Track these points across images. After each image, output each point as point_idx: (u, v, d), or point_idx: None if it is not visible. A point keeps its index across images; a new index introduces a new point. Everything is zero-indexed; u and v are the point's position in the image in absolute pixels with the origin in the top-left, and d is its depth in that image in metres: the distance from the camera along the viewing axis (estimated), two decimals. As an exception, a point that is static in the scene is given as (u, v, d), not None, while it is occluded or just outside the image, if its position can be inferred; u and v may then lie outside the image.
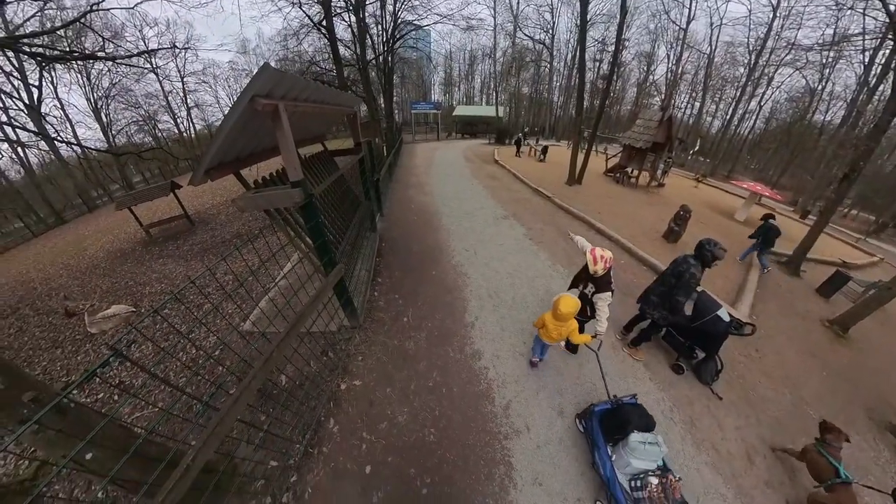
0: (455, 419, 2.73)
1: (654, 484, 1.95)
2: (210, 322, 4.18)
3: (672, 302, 2.97)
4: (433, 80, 44.27)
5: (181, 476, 1.35)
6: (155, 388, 3.34)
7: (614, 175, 12.51)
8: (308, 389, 2.78)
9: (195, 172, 2.46)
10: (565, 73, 34.86)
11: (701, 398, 3.08)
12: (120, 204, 9.67)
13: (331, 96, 3.21)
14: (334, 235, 3.69)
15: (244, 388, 1.74)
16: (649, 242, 6.34)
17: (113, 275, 7.49)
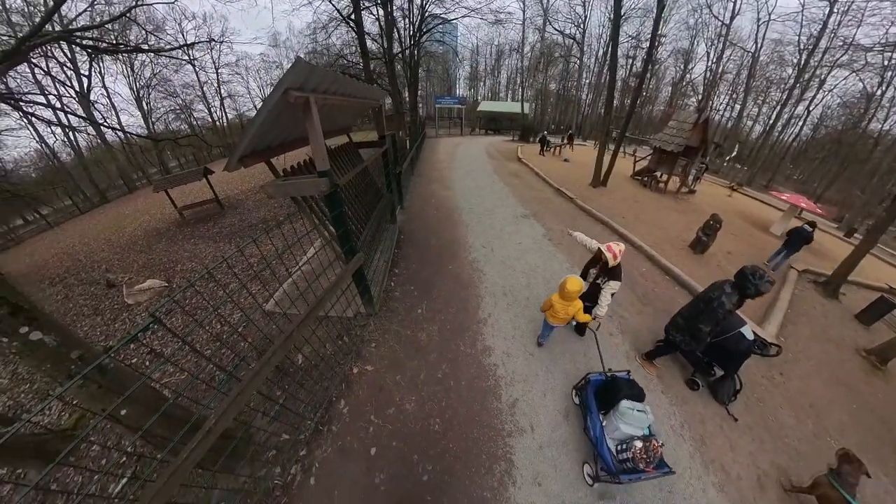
0: (461, 412, 2.79)
1: (639, 447, 2.15)
2: (236, 299, 4.43)
3: (693, 328, 2.77)
4: (458, 75, 43.98)
5: (202, 438, 1.47)
6: (182, 358, 3.59)
7: (642, 179, 12.01)
8: (322, 370, 2.92)
9: (230, 159, 2.60)
10: (595, 69, 33.67)
11: (715, 417, 2.95)
12: (157, 186, 10.31)
13: (358, 89, 3.29)
14: (356, 225, 3.80)
15: (264, 362, 1.85)
16: (674, 251, 6.11)
17: (149, 251, 8.03)
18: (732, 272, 5.56)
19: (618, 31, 9.41)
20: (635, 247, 6.14)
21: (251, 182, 14.19)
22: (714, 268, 5.60)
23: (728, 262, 5.92)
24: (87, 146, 24.75)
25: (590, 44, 32.59)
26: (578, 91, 34.62)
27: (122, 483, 2.53)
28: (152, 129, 25.61)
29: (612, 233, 6.83)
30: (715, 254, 6.12)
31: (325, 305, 2.38)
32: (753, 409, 3.11)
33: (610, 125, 10.79)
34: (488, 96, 43.39)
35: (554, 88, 36.52)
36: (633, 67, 30.29)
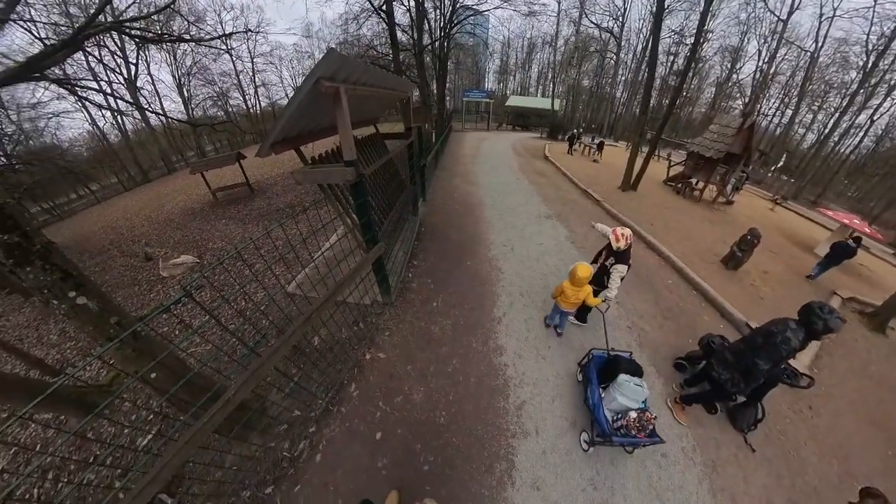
0: (467, 408, 2.81)
1: (633, 417, 2.35)
2: (261, 279, 4.65)
3: (748, 363, 2.47)
4: (488, 68, 43.28)
5: (222, 406, 1.57)
6: (208, 331, 3.82)
7: (675, 185, 11.42)
8: (337, 353, 3.03)
9: (262, 145, 2.70)
10: (633, 65, 32.09)
11: (730, 445, 2.78)
12: (194, 168, 10.90)
13: (387, 81, 3.32)
14: (378, 215, 3.87)
15: (284, 340, 1.94)
16: (704, 265, 5.75)
17: (184, 229, 8.54)
18: (768, 293, 5.10)
19: (660, 24, 8.87)
20: (662, 257, 5.85)
21: (280, 168, 14.72)
22: (747, 287, 5.22)
23: (763, 282, 5.46)
24: (132, 129, 26.54)
25: (628, 38, 30.89)
26: (613, 89, 33.13)
27: (148, 438, 2.74)
28: (191, 115, 27.03)
29: (637, 240, 6.56)
30: (749, 272, 5.68)
31: (344, 291, 2.45)
32: (774, 442, 2.90)
33: (645, 126, 10.28)
34: (517, 91, 42.49)
35: (587, 85, 35.17)
36: (673, 65, 28.61)
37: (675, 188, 11.29)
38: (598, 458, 2.51)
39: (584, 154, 15.81)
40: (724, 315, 4.30)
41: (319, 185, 3.16)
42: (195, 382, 2.27)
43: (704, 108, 32.06)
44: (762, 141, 27.89)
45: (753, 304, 4.64)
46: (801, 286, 5.64)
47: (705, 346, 3.10)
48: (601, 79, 33.58)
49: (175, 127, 25.37)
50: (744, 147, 9.83)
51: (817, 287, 5.72)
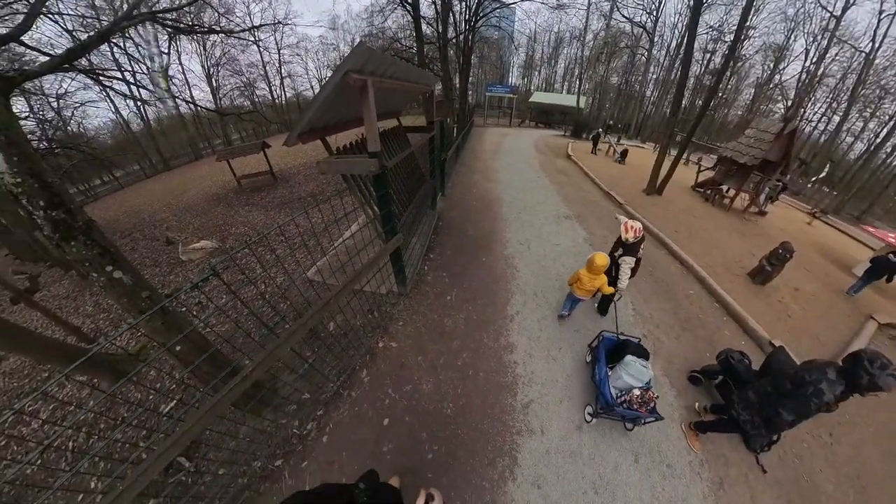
0: (474, 402, 2.87)
1: (637, 394, 2.51)
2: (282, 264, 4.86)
3: (771, 412, 2.23)
4: (512, 62, 42.68)
5: (240, 381, 1.71)
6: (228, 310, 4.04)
7: (704, 191, 10.93)
8: (351, 339, 3.16)
9: (290, 134, 2.83)
10: (665, 63, 30.90)
11: (740, 463, 2.71)
12: (220, 156, 11.38)
13: (412, 74, 3.39)
14: (398, 207, 3.97)
15: (302, 323, 2.06)
16: (729, 277, 5.51)
17: (205, 215, 8.96)
18: (797, 312, 4.86)
19: (697, 19, 8.40)
20: (685, 266, 5.64)
21: (302, 158, 15.14)
22: (774, 303, 4.96)
23: (793, 299, 5.16)
24: (154, 118, 27.84)
25: (662, 34, 29.46)
26: (643, 87, 31.90)
27: (170, 405, 2.97)
28: (219, 104, 28.11)
29: (659, 246, 6.38)
30: (778, 288, 5.35)
31: (361, 279, 2.56)
32: (788, 466, 2.80)
33: (675, 128, 9.90)
34: (542, 87, 41.78)
35: (615, 82, 34.20)
36: (710, 63, 27.36)
37: (704, 195, 10.80)
38: (602, 463, 2.53)
39: (608, 154, 15.46)
40: (747, 331, 4.14)
41: (343, 176, 3.28)
42: (216, 357, 2.45)
43: (741, 111, 30.57)
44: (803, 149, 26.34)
45: (780, 322, 4.44)
46: (835, 306, 5.31)
47: (723, 362, 3.01)
48: (630, 76, 32.52)
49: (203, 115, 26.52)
50: (782, 154, 9.31)
51: (853, 307, 5.40)
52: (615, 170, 12.61)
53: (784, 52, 26.94)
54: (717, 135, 30.11)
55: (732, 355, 2.98)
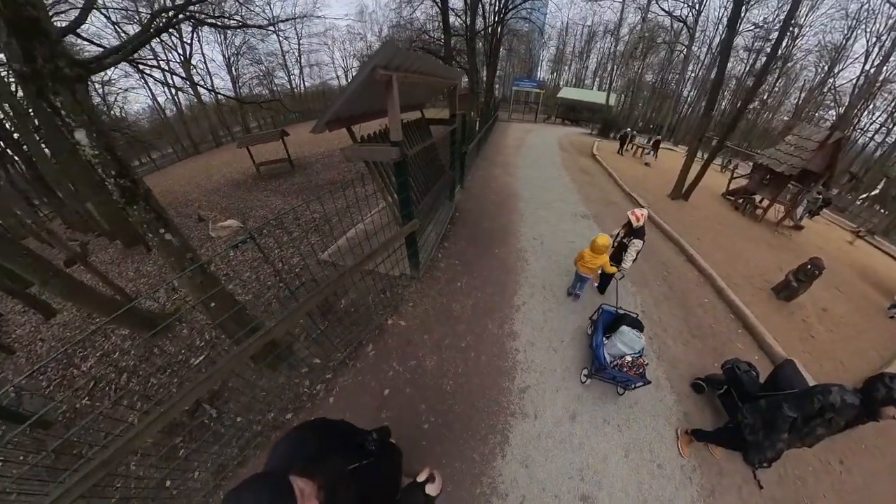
0: (473, 381, 3.15)
1: (629, 360, 2.87)
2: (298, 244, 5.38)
3: (773, 414, 2.22)
4: (542, 56, 42.26)
5: (261, 336, 2.09)
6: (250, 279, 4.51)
7: (735, 199, 10.60)
8: (362, 314, 3.56)
9: (318, 122, 3.21)
10: (706, 61, 29.87)
11: (734, 475, 2.71)
12: (241, 143, 12.13)
13: (437, 69, 3.74)
14: (416, 194, 4.33)
15: (320, 290, 2.44)
16: (751, 290, 5.32)
17: (230, 197, 9.67)
18: (821, 333, 4.79)
19: (739, 11, 7.91)
20: (704, 274, 5.48)
21: (320, 148, 15.79)
22: (798, 322, 4.75)
23: (819, 320, 4.91)
24: (187, 104, 29.49)
25: (704, 29, 27.98)
26: (680, 86, 30.89)
27: (200, 358, 3.45)
28: (238, 93, 29.47)
29: (678, 252, 6.36)
30: (804, 306, 5.12)
31: (378, 258, 2.92)
32: (788, 486, 2.74)
33: (707, 130, 9.66)
34: (572, 82, 41.22)
35: (650, 80, 33.28)
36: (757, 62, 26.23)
37: (735, 203, 10.48)
38: (591, 453, 2.68)
39: (635, 156, 15.31)
40: (762, 346, 4.07)
41: (365, 162, 3.65)
42: (241, 316, 2.87)
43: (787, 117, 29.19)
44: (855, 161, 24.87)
45: (801, 342, 4.27)
46: (867, 332, 4.96)
47: (728, 371, 3.01)
48: (667, 74, 31.48)
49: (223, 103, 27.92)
50: (826, 165, 8.85)
51: (890, 335, 5.05)
52: (641, 171, 12.53)
53: (841, 54, 25.41)
54: (760, 141, 28.90)
55: (739, 365, 2.97)
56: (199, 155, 24.10)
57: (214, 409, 2.90)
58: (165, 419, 1.77)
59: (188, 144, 26.36)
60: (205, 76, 27.15)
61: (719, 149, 9.94)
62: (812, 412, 2.01)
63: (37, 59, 1.52)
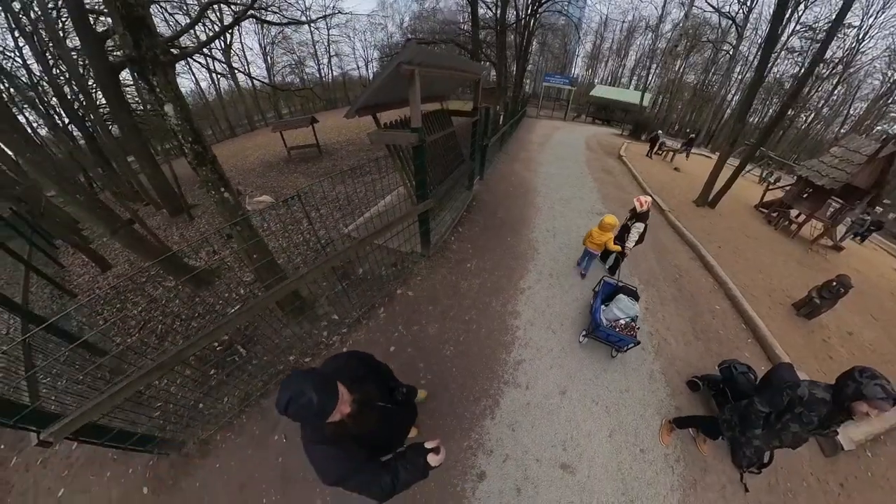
0: (472, 349, 3.51)
1: (622, 324, 3.34)
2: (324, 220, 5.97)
3: (747, 409, 2.24)
4: (577, 52, 41.36)
5: (287, 284, 2.56)
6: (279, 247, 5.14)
7: (769, 212, 9.93)
8: (375, 283, 4.08)
9: (350, 109, 3.71)
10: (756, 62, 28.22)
11: (720, 474, 2.71)
12: (275, 127, 12.97)
13: (457, 64, 4.14)
14: (431, 177, 4.75)
15: (344, 250, 2.89)
16: (769, 303, 5.16)
17: (263, 177, 10.53)
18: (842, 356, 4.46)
19: (784, 9, 7.41)
20: (718, 282, 5.36)
21: (346, 136, 16.49)
22: (816, 341, 4.55)
23: (842, 342, 4.61)
24: (226, 89, 31.24)
25: (755, 28, 26.08)
26: (724, 89, 29.28)
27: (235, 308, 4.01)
28: (272, 80, 30.91)
29: (694, 258, 6.24)
30: (827, 326, 4.88)
31: (393, 230, 3.34)
32: (776, 494, 2.69)
33: (740, 135, 9.19)
34: (608, 80, 40.25)
35: (692, 81, 31.93)
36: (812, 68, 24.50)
37: (768, 216, 9.81)
38: (576, 428, 2.86)
39: (665, 160, 15.01)
40: (771, 358, 3.96)
41: (387, 146, 4.08)
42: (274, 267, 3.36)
43: (844, 128, 27.25)
44: None
45: (817, 361, 4.07)
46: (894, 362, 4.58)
47: (724, 370, 3.03)
48: (711, 75, 30.02)
49: (259, 89, 29.52)
50: (874, 181, 8.00)
51: None
52: (668, 176, 12.33)
53: (914, 59, 23.56)
54: (812, 154, 27.21)
55: (736, 366, 2.98)
56: (236, 137, 25.62)
57: (244, 350, 3.43)
58: (211, 339, 2.27)
59: (225, 127, 28.17)
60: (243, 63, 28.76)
61: (752, 156, 9.61)
62: (782, 406, 2.02)
63: (142, 48, 2.01)
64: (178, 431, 2.76)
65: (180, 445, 2.71)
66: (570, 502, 2.44)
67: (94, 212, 3.70)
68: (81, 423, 1.90)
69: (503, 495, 2.46)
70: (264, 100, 32.10)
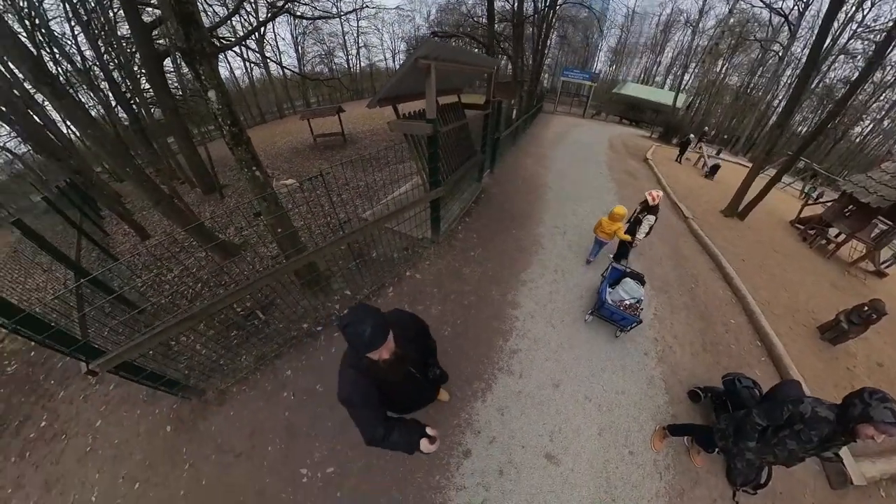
0: (470, 333, 3.68)
1: (627, 304, 3.60)
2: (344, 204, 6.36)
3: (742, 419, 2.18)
4: (600, 46, 39.74)
5: (305, 256, 2.88)
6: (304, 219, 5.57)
7: (804, 228, 9.21)
8: (387, 263, 4.40)
9: (372, 99, 3.99)
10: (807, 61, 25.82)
11: (711, 488, 2.63)
12: (303, 115, 13.56)
13: (472, 59, 4.41)
14: (444, 166, 5.01)
15: (359, 228, 3.17)
16: (791, 323, 4.83)
17: (290, 161, 11.22)
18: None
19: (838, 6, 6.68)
20: (738, 295, 5.08)
21: (370, 125, 16.96)
22: (839, 369, 4.25)
23: (869, 374, 4.31)
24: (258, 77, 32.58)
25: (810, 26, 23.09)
26: (771, 94, 26.76)
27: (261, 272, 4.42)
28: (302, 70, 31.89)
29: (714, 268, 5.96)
30: (854, 354, 4.48)
31: (406, 213, 3.60)
32: None
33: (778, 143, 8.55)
34: (640, 78, 38.60)
35: (734, 83, 29.88)
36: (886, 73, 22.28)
37: (803, 233, 9.12)
38: (565, 422, 2.92)
39: (695, 166, 14.44)
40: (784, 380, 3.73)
41: (405, 134, 4.34)
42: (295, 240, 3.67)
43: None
44: None
45: (836, 389, 3.80)
46: None
47: (728, 383, 2.94)
48: (757, 77, 27.60)
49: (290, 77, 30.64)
50: None
51: None
52: (697, 183, 11.87)
53: None
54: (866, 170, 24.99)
55: (741, 379, 2.89)
56: (265, 124, 26.83)
57: (263, 315, 3.79)
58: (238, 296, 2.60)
59: (256, 114, 29.59)
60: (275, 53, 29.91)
61: (789, 166, 8.93)
62: (780, 420, 1.93)
63: (191, 40, 2.33)
64: (200, 381, 3.16)
65: (201, 393, 3.10)
66: (550, 491, 2.50)
67: (142, 184, 4.20)
68: (122, 360, 2.27)
69: (486, 475, 2.57)
70: (293, 88, 33.30)
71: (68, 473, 2.84)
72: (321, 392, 3.14)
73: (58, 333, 2.02)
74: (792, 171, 14.13)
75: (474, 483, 2.53)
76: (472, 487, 2.51)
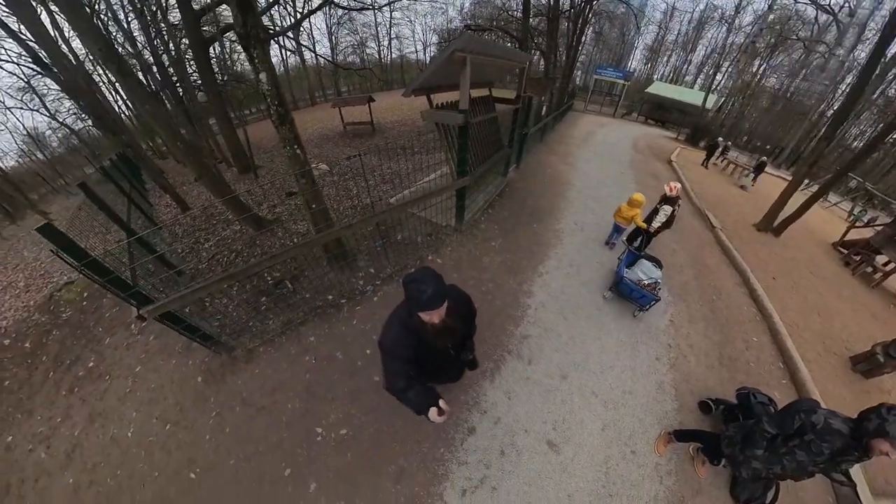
0: (483, 316, 3.51)
1: (645, 283, 3.75)
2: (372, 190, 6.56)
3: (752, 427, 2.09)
4: (637, 44, 37.93)
5: (336, 230, 3.03)
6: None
7: (848, 252, 8.38)
8: (411, 246, 4.57)
9: (407, 88, 4.12)
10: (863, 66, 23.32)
11: (714, 500, 2.56)
12: (335, 103, 13.84)
13: (505, 53, 4.48)
14: (472, 156, 5.06)
15: (390, 209, 3.28)
16: (820, 350, 4.49)
17: (320, 147, 11.56)
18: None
19: None
20: (764, 314, 4.72)
21: (399, 115, 17.11)
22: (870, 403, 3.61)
23: None
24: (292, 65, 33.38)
25: (862, 22, 20.84)
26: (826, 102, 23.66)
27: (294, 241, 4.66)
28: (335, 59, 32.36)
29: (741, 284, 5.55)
30: (889, 391, 4.10)
31: (433, 199, 3.75)
32: None
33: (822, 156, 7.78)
34: (669, 76, 36.62)
35: (773, 85, 27.17)
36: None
37: (847, 258, 8.25)
38: (570, 413, 2.91)
39: (724, 172, 13.67)
40: None
41: (436, 124, 4.43)
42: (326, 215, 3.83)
43: None
44: None
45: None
46: None
47: (742, 397, 2.85)
48: (800, 80, 25.05)
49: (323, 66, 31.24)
50: None
51: None
52: (728, 192, 11.15)
53: None
54: None
55: (756, 394, 2.80)
56: (297, 110, 27.57)
57: (291, 285, 4.00)
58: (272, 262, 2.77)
59: (289, 100, 30.32)
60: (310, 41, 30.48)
61: (834, 182, 8.13)
62: (791, 430, 1.85)
63: (248, 26, 2.48)
64: (231, 339, 3.39)
65: (231, 350, 3.33)
66: (549, 477, 2.53)
67: (189, 157, 4.51)
68: (167, 309, 2.47)
69: (488, 453, 2.62)
70: (326, 77, 33.94)
71: (110, 410, 3.15)
72: (341, 359, 3.29)
73: (116, 279, 2.23)
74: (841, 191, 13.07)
75: (476, 460, 2.59)
76: (474, 464, 2.57)
